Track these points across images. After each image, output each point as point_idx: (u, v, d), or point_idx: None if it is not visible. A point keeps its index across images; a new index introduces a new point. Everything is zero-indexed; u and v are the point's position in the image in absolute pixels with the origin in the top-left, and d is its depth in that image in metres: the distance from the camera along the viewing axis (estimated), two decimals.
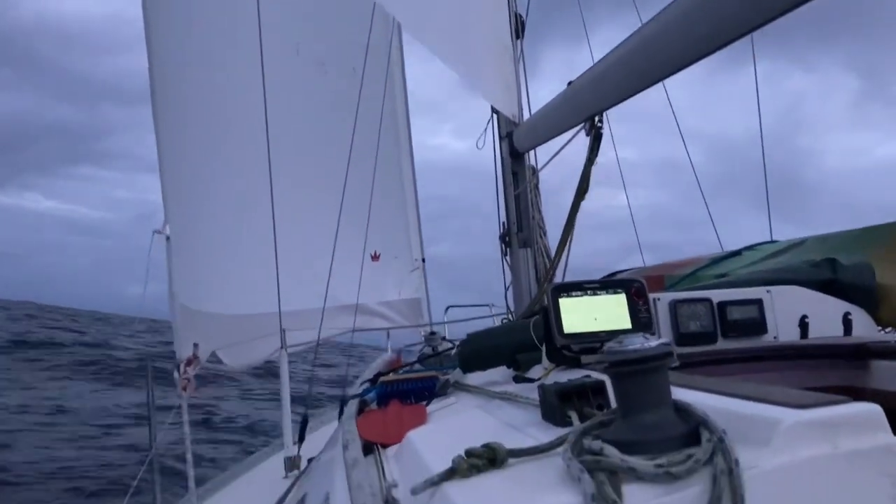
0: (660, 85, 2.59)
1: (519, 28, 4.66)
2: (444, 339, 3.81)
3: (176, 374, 3.01)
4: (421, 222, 7.24)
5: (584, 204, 3.01)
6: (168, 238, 4.64)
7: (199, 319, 5.18)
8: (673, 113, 5.15)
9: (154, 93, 5.26)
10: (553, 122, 3.42)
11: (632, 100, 2.63)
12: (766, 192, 3.87)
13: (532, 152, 4.38)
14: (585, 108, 2.84)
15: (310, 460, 3.30)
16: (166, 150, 5.30)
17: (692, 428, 0.91)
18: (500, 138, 4.51)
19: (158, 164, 5.27)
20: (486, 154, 4.61)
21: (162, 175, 5.18)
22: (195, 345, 3.21)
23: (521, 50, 4.66)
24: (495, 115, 4.53)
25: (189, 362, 3.01)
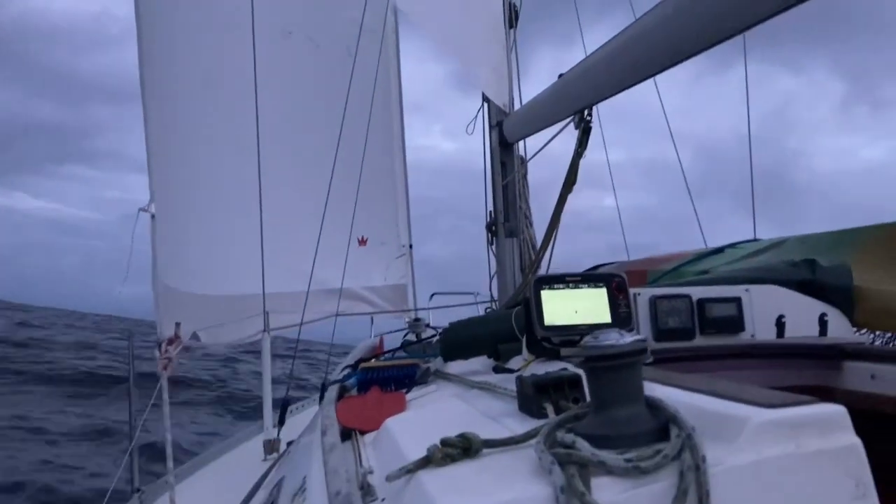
0: (650, 86, 2.61)
1: (513, 17, 4.66)
2: (428, 325, 3.83)
3: (157, 353, 3.01)
4: (410, 208, 7.23)
5: (571, 204, 3.03)
6: (153, 216, 4.61)
7: (181, 299, 5.16)
8: (664, 111, 5.17)
9: (142, 70, 5.21)
10: (543, 113, 3.43)
11: (620, 100, 2.64)
12: (752, 190, 3.90)
13: (521, 143, 4.40)
14: (575, 100, 2.85)
15: (289, 444, 3.31)
16: (154, 129, 5.25)
17: (662, 424, 0.93)
18: (490, 127, 4.52)
19: (145, 142, 5.23)
20: (476, 151, 4.63)
21: (149, 153, 5.14)
22: (177, 324, 3.20)
23: (514, 39, 4.66)
24: (486, 104, 4.54)
25: (170, 341, 3.00)
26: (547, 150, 3.43)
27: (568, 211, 2.98)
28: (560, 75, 3.09)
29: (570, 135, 2.87)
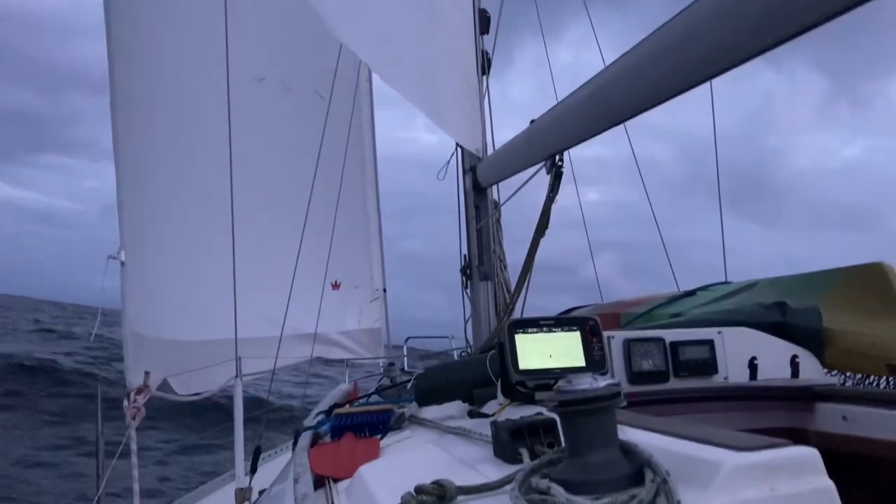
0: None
1: (485, 64, 4.74)
2: (402, 370, 3.80)
3: (126, 402, 2.94)
4: (384, 252, 7.23)
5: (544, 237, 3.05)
6: (122, 264, 4.55)
7: (152, 346, 5.07)
8: (634, 156, 5.23)
9: (115, 114, 5.20)
10: (515, 158, 3.47)
11: None
12: (721, 227, 3.93)
13: (495, 187, 4.44)
14: (546, 146, 2.89)
15: (261, 492, 3.24)
16: (126, 177, 5.23)
17: (637, 468, 0.93)
18: (464, 172, 4.56)
19: (116, 188, 5.19)
20: (450, 182, 4.67)
21: (119, 201, 5.10)
22: (146, 373, 3.14)
23: (487, 86, 4.73)
24: (459, 149, 4.58)
25: (139, 391, 2.94)
26: (520, 192, 3.46)
27: (539, 248, 3.00)
28: (532, 121, 3.14)
29: (544, 178, 2.90)
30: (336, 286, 6.52)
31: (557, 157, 2.81)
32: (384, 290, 7.17)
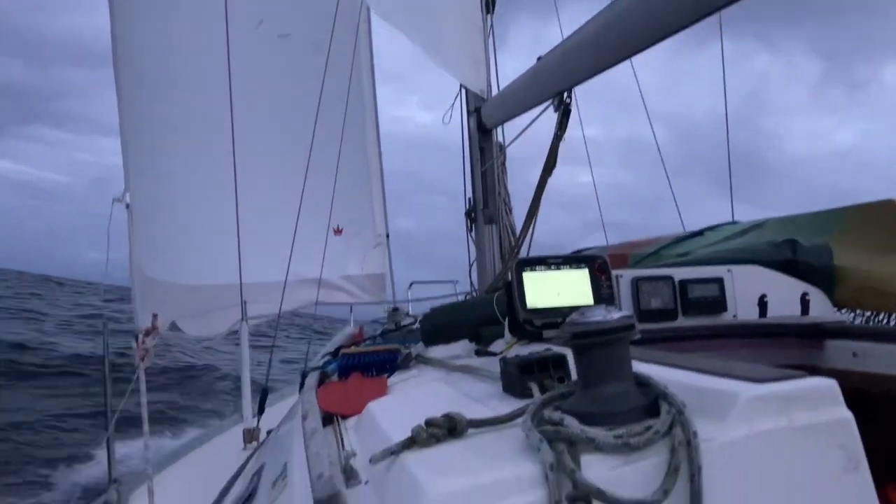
0: (627, 64, 2.59)
1: (490, 2, 4.62)
2: (407, 314, 3.80)
3: (134, 344, 2.95)
4: (386, 197, 7.18)
5: (549, 181, 3.00)
6: (128, 206, 4.52)
7: (159, 289, 5.09)
8: (641, 94, 5.15)
9: (116, 61, 5.13)
10: (521, 97, 3.40)
11: (598, 78, 2.62)
12: (730, 174, 3.90)
13: (500, 128, 4.37)
14: (554, 83, 2.82)
15: (269, 432, 3.27)
16: (128, 119, 5.18)
17: (652, 400, 0.91)
18: (468, 113, 4.48)
19: (120, 131, 5.15)
20: (453, 127, 4.58)
21: (123, 143, 5.06)
22: (154, 315, 3.14)
23: (492, 25, 4.62)
24: (463, 90, 4.50)
25: (147, 332, 2.94)
26: (526, 131, 3.40)
27: (547, 188, 2.96)
28: (539, 58, 3.06)
29: (550, 117, 2.85)
30: (338, 232, 6.50)
31: (565, 95, 2.75)
32: (387, 236, 7.16)
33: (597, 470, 0.81)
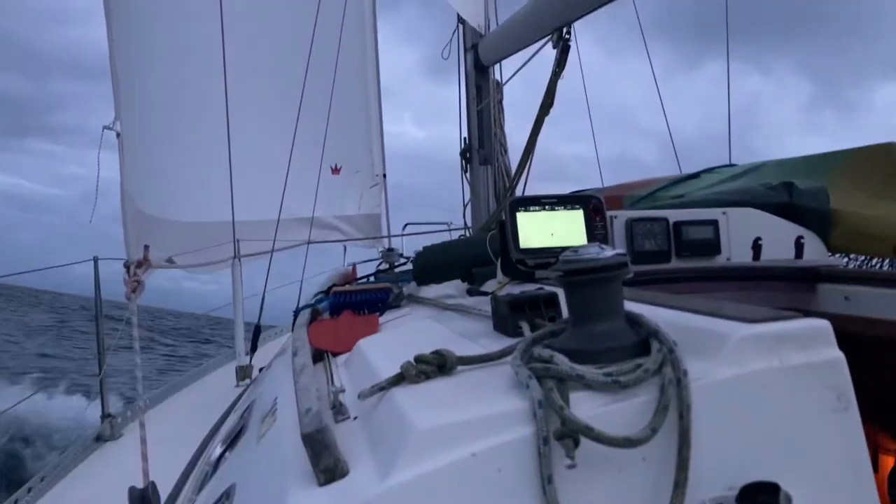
0: (624, 75, 2.52)
1: None
2: (401, 255, 3.79)
3: (125, 275, 2.93)
4: (384, 137, 7.09)
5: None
6: (119, 135, 4.43)
7: (151, 223, 5.04)
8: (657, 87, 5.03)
9: None
10: (520, 33, 3.33)
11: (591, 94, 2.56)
12: (728, 116, 3.84)
13: (497, 66, 4.29)
14: (553, 18, 2.75)
15: (261, 370, 3.30)
16: (119, 48, 5.03)
17: (643, 339, 0.90)
18: (465, 50, 4.39)
19: (110, 62, 5.01)
20: (447, 138, 4.52)
21: (113, 71, 4.92)
22: (145, 247, 3.12)
23: None
24: (461, 26, 4.40)
25: (139, 264, 2.92)
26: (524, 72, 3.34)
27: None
28: None
29: (545, 58, 2.79)
30: (336, 171, 6.44)
31: (564, 30, 2.68)
32: (384, 176, 7.09)
33: (586, 407, 0.81)
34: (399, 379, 0.97)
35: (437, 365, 1.00)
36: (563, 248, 1.60)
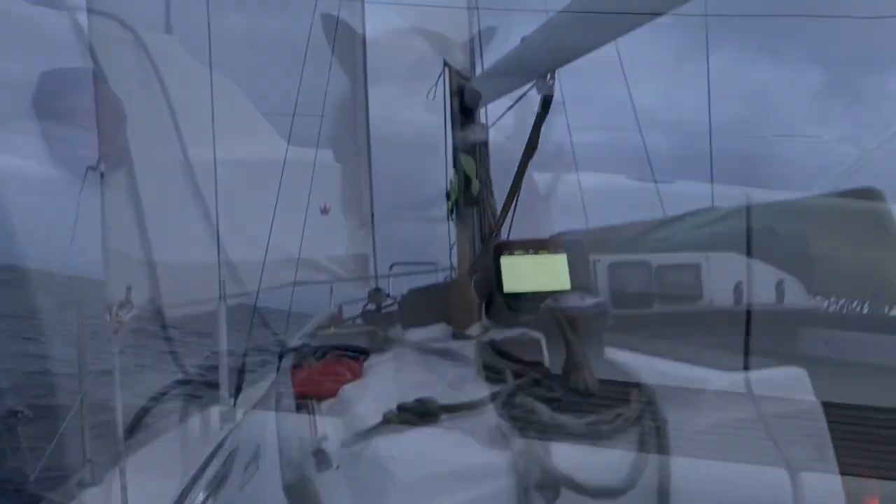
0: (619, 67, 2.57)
1: None
2: (387, 296, 3.78)
3: (107, 316, 2.90)
4: (372, 177, 7.11)
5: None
6: (102, 175, 4.41)
7: (133, 265, 5.00)
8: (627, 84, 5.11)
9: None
10: (505, 78, 3.37)
11: (590, 83, 2.60)
12: (710, 156, 3.88)
13: (483, 109, 4.34)
14: (538, 64, 2.80)
15: (245, 413, 3.26)
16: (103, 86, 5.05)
17: (623, 387, 0.91)
18: (451, 93, 4.44)
19: (94, 100, 5.01)
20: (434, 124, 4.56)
21: (97, 109, 4.92)
22: (128, 288, 3.09)
23: (477, 3, 4.57)
24: (447, 69, 4.45)
25: (121, 305, 2.90)
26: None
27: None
28: (522, 38, 3.04)
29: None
30: (326, 211, 6.44)
31: (549, 76, 2.73)
32: (372, 216, 7.09)
33: (567, 456, 0.81)
34: (382, 427, 0.97)
35: (419, 413, 1.00)
36: (547, 292, 1.62)
